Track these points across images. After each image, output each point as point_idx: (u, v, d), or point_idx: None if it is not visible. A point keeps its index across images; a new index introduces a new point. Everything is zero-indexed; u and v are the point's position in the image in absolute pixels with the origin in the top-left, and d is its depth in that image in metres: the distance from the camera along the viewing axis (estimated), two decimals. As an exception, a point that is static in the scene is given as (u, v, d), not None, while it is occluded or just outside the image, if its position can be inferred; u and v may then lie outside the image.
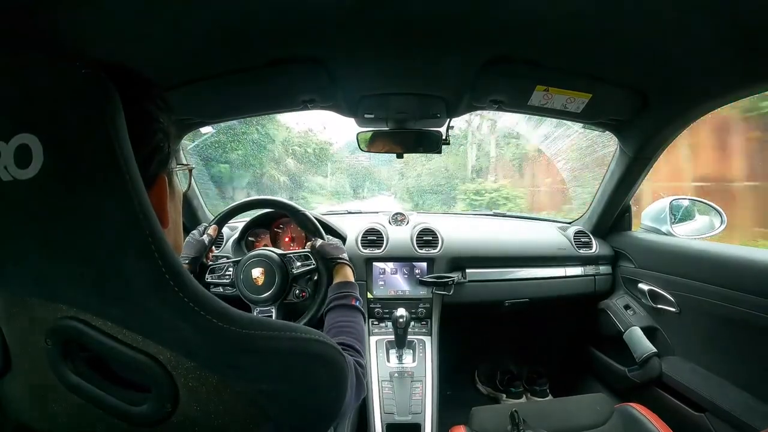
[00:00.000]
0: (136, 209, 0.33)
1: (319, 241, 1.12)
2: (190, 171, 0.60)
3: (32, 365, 0.38)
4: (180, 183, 0.54)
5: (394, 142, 1.41)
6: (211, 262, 1.18)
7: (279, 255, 1.12)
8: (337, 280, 1.00)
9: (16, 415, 0.41)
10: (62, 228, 0.33)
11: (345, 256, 1.07)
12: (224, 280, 1.15)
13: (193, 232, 1.16)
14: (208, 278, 1.16)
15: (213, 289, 1.21)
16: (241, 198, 1.22)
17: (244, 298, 1.12)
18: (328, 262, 1.07)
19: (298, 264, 1.12)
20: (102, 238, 0.33)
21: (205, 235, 1.14)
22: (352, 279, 1.01)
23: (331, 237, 1.16)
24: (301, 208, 1.17)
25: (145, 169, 0.40)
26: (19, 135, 0.31)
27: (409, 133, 1.37)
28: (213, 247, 1.22)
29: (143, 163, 0.40)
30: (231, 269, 1.16)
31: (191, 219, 1.58)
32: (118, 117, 0.33)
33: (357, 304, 0.90)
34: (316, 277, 1.15)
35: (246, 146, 3.31)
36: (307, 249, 1.15)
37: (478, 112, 2.59)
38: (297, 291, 1.17)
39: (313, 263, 1.10)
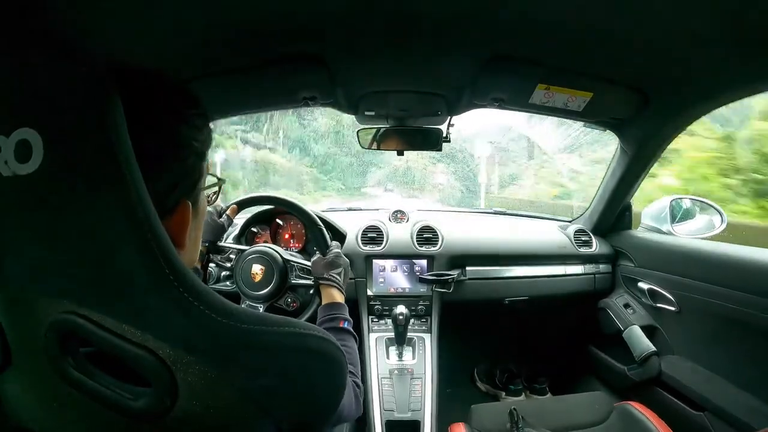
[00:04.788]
0: (136, 205, 0.34)
1: (314, 257, 1.08)
2: (220, 187, 0.56)
3: (32, 360, 0.38)
4: (205, 201, 0.51)
5: (394, 139, 1.41)
6: (220, 243, 1.18)
7: (283, 259, 1.12)
8: (324, 301, 0.97)
9: (15, 412, 0.41)
10: (62, 223, 0.33)
11: (335, 275, 1.01)
12: (226, 264, 1.15)
13: (209, 210, 1.13)
14: (212, 256, 1.16)
15: (212, 284, 1.21)
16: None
17: (237, 289, 1.12)
18: (315, 281, 1.05)
19: (299, 273, 1.12)
20: (101, 233, 0.33)
21: (224, 217, 1.13)
22: (338, 299, 0.96)
23: (333, 246, 1.11)
24: (315, 217, 1.16)
25: (167, 196, 0.41)
26: (20, 130, 0.31)
27: (409, 130, 1.37)
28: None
29: (167, 189, 0.41)
30: (233, 257, 1.16)
31: None
32: (118, 114, 0.33)
33: (345, 325, 0.88)
34: (311, 291, 1.15)
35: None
36: (309, 264, 1.12)
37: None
38: (289, 299, 1.18)
39: (312, 281, 1.09)
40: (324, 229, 1.14)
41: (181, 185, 0.43)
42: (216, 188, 0.56)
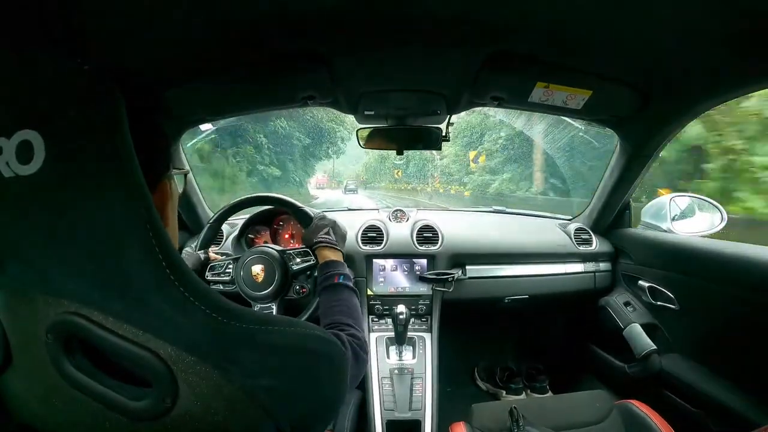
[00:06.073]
0: (138, 204, 0.34)
1: (304, 231, 1.07)
2: (186, 175, 0.62)
3: (33, 360, 0.38)
4: (177, 185, 0.57)
5: (393, 138, 1.41)
6: (212, 261, 1.17)
7: (279, 251, 1.12)
8: (320, 263, 0.97)
9: (17, 411, 0.41)
10: (64, 223, 0.33)
11: (323, 235, 1.01)
12: (224, 278, 1.14)
13: (187, 249, 1.17)
14: (208, 276, 1.15)
15: (214, 287, 1.20)
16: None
17: (244, 295, 1.11)
18: (311, 251, 1.04)
19: (298, 260, 1.12)
20: (103, 232, 0.33)
21: (201, 252, 1.15)
22: (333, 257, 0.97)
23: (315, 214, 1.11)
24: (286, 198, 1.16)
25: (148, 176, 0.42)
26: (21, 131, 0.31)
27: (409, 129, 1.37)
28: (212, 245, 1.22)
29: (148, 169, 0.42)
30: (231, 267, 1.15)
31: (191, 216, 1.58)
32: (120, 114, 0.34)
33: (341, 280, 0.87)
34: (315, 273, 1.15)
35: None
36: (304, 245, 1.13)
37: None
38: (297, 287, 1.16)
39: (312, 259, 1.09)
40: (303, 207, 1.14)
41: (158, 166, 0.49)
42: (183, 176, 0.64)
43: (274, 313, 1.07)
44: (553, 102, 1.10)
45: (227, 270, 1.15)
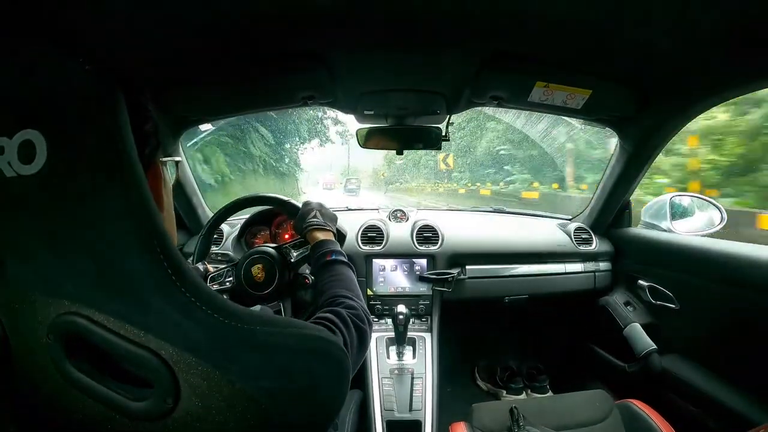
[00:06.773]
0: (139, 204, 0.34)
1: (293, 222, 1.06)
2: (177, 163, 0.62)
3: (34, 361, 0.38)
4: (170, 173, 0.57)
5: (393, 138, 1.41)
6: (211, 272, 1.16)
7: (274, 248, 1.11)
8: (311, 245, 0.97)
9: (17, 412, 0.41)
10: (65, 223, 0.33)
11: (310, 218, 1.01)
12: (226, 286, 1.13)
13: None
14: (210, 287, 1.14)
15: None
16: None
17: (249, 298, 1.10)
18: (303, 237, 1.04)
19: (295, 253, 1.10)
20: (105, 232, 0.33)
21: (199, 264, 1.15)
22: (323, 237, 0.97)
23: (304, 202, 1.10)
24: (270, 195, 1.15)
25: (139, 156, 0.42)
26: (23, 131, 0.31)
27: (408, 129, 1.37)
28: (212, 246, 1.20)
29: (139, 152, 0.42)
30: (231, 274, 1.14)
31: (191, 216, 1.57)
32: (122, 113, 0.34)
33: (333, 257, 0.87)
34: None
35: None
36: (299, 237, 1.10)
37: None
38: (300, 279, 1.15)
39: (309, 248, 1.06)
40: (286, 200, 1.14)
41: (147, 147, 0.47)
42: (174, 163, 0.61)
43: (283, 311, 1.06)
44: (553, 102, 1.11)
45: (228, 278, 1.14)
